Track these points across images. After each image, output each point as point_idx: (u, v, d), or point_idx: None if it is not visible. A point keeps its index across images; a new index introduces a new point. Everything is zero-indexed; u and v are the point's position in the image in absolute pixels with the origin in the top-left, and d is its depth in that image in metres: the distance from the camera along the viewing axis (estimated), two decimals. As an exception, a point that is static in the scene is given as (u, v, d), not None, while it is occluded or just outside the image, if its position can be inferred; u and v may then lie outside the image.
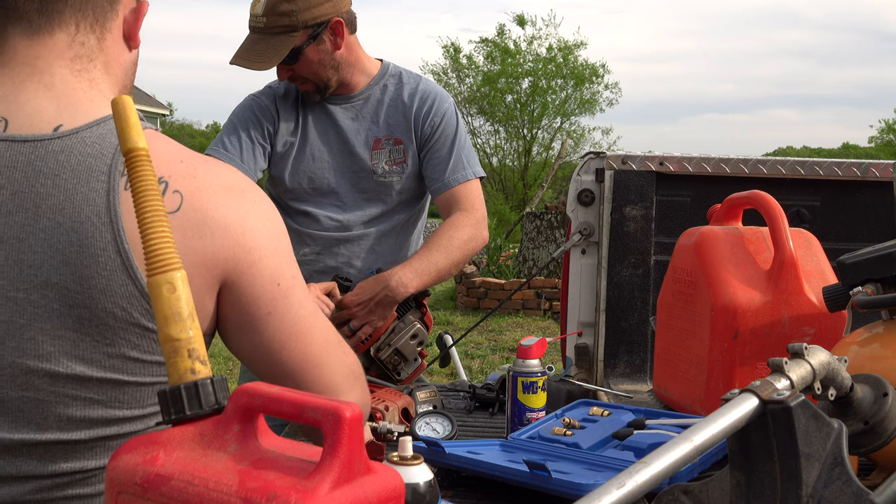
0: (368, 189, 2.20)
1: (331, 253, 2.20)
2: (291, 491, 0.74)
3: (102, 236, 1.04)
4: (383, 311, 2.05)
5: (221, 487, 0.76)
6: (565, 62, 27.48)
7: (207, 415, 0.83)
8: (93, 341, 1.06)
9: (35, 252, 1.04)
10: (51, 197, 1.04)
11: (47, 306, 1.04)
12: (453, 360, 2.35)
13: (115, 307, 1.05)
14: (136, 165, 0.88)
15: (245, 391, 0.80)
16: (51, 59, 1.10)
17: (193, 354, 0.85)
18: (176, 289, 0.85)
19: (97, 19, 1.13)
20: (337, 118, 2.21)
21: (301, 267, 2.28)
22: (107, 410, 1.09)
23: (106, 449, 1.11)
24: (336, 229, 2.19)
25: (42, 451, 1.07)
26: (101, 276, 1.04)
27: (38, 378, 1.05)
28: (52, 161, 1.05)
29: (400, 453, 1.11)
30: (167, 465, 0.79)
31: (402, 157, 2.20)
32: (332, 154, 2.20)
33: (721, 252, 1.71)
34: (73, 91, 1.10)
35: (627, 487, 0.85)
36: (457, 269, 2.17)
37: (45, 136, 1.06)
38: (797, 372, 1.03)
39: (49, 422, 1.06)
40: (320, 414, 0.76)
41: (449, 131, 2.22)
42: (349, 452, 0.75)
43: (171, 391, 0.83)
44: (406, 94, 2.23)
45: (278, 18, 2.04)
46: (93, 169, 1.05)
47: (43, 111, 1.08)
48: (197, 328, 0.86)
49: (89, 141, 1.07)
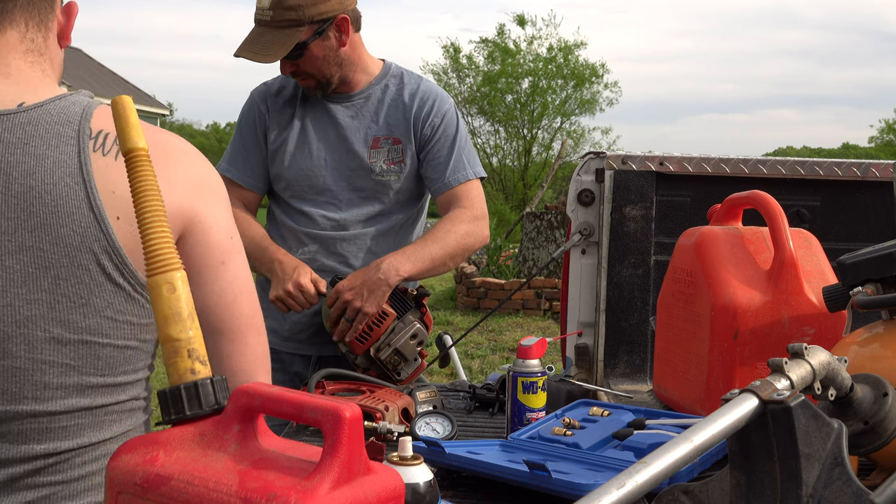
0: (365, 188, 2.20)
1: (328, 253, 2.20)
2: (291, 491, 0.74)
3: (76, 195, 1.09)
4: (376, 297, 2.05)
5: (221, 487, 0.76)
6: (565, 62, 27.48)
7: (207, 415, 0.83)
8: (69, 302, 1.10)
9: (8, 219, 1.08)
10: (21, 164, 1.09)
11: (22, 270, 1.08)
12: (453, 361, 2.35)
13: (90, 262, 1.10)
14: (136, 165, 0.88)
15: (245, 391, 0.80)
16: (5, 52, 1.17)
17: (193, 354, 0.85)
18: (176, 289, 0.85)
19: (42, 19, 1.21)
20: (336, 116, 2.21)
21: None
22: (81, 377, 1.13)
23: (79, 429, 1.14)
24: (333, 228, 2.19)
25: (16, 430, 1.10)
26: (76, 233, 1.09)
27: (16, 345, 1.09)
28: (19, 132, 1.11)
29: (400, 453, 1.12)
30: (167, 466, 0.79)
31: (400, 157, 2.20)
32: (330, 151, 2.20)
33: (721, 252, 1.71)
34: (29, 78, 1.18)
35: (627, 487, 0.85)
36: (453, 262, 2.17)
37: (11, 110, 1.12)
38: (797, 372, 1.03)
39: (25, 391, 1.10)
40: (320, 414, 0.76)
41: (449, 132, 2.22)
42: (349, 452, 0.75)
43: (171, 391, 0.83)
44: (407, 94, 2.23)
45: (285, 12, 2.04)
46: (61, 135, 1.12)
47: (4, 93, 1.14)
48: (197, 328, 0.86)
49: (54, 112, 1.13)
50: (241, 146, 2.26)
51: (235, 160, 2.26)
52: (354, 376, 1.95)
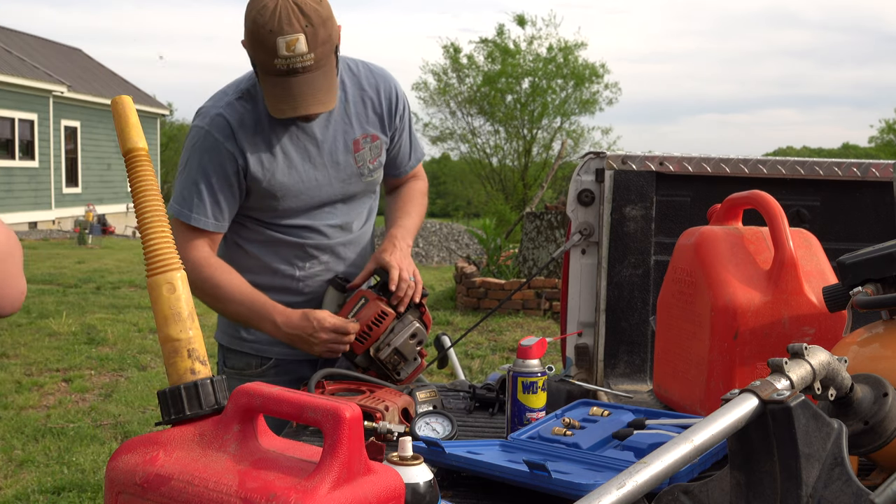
0: (358, 191, 2.17)
1: (338, 259, 2.17)
2: (291, 491, 0.74)
3: None
4: (410, 262, 2.14)
5: (221, 487, 0.76)
6: (565, 62, 27.48)
7: (207, 415, 0.83)
8: None
9: None
10: None
11: None
12: (451, 362, 2.35)
13: None
14: (136, 165, 0.88)
15: (245, 391, 0.80)
16: None
17: (193, 354, 0.85)
18: (176, 289, 0.85)
19: None
20: (310, 130, 2.06)
21: (313, 280, 2.20)
22: None
23: None
24: (338, 235, 2.17)
25: None
26: None
27: None
28: None
29: (400, 453, 1.11)
30: (167, 465, 0.79)
31: (378, 152, 2.16)
32: (318, 169, 2.08)
33: (721, 252, 1.71)
34: None
35: (627, 487, 0.85)
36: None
37: None
38: (797, 372, 1.03)
39: None
40: (320, 414, 0.76)
41: (407, 115, 2.21)
42: (349, 452, 0.75)
43: (171, 391, 0.83)
44: (365, 85, 2.12)
45: (323, 47, 1.87)
46: None
47: None
48: (197, 328, 0.86)
49: None
50: (208, 191, 2.00)
51: (202, 207, 2.01)
52: (354, 376, 1.95)
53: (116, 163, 24.03)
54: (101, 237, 18.19)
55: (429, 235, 16.51)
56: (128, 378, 6.37)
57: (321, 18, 1.87)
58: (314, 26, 1.85)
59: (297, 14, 1.84)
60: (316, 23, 1.85)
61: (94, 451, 4.71)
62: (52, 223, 21.25)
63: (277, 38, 1.84)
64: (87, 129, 23.54)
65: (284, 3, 1.84)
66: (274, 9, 1.84)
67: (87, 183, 23.50)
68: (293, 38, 1.84)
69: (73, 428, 5.13)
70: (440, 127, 28.57)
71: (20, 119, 20.21)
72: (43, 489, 4.18)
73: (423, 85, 28.42)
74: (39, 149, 20.93)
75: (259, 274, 2.11)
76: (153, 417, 5.29)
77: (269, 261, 2.12)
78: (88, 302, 9.53)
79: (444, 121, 28.50)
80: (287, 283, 2.13)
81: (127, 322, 8.39)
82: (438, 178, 36.94)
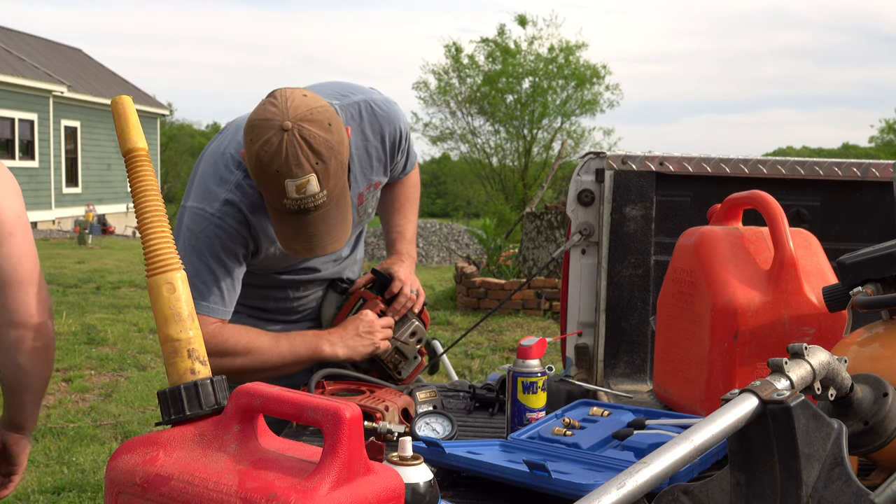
0: (356, 227, 2.11)
1: (336, 283, 2.16)
2: (291, 491, 0.74)
3: None
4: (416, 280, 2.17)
5: (221, 487, 0.76)
6: (566, 63, 27.48)
7: (207, 415, 0.83)
8: None
9: None
10: None
11: None
12: (444, 367, 2.34)
13: None
14: (136, 165, 0.88)
15: (245, 391, 0.80)
16: None
17: (193, 354, 0.85)
18: (176, 289, 0.85)
19: None
20: None
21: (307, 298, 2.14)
22: None
23: None
24: (332, 266, 2.11)
25: None
26: None
27: None
28: None
29: (400, 453, 1.11)
30: (167, 465, 0.79)
31: (377, 192, 2.11)
32: None
33: (721, 252, 1.71)
34: None
35: (627, 487, 0.85)
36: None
37: None
38: (797, 372, 1.03)
39: None
40: (320, 414, 0.76)
41: (407, 142, 2.12)
42: (349, 453, 0.75)
43: (171, 391, 0.83)
44: (369, 133, 1.98)
45: (336, 178, 1.69)
46: None
47: None
48: (197, 328, 0.86)
49: None
50: (228, 279, 1.85)
51: (225, 299, 1.86)
52: (354, 376, 1.95)
53: (116, 163, 24.03)
54: (101, 237, 18.21)
55: (429, 235, 16.50)
56: (128, 378, 6.37)
57: (331, 150, 1.66)
58: (325, 162, 1.65)
59: (305, 152, 1.63)
60: (327, 157, 1.65)
61: (94, 451, 4.72)
62: (52, 223, 21.25)
63: (286, 181, 1.64)
64: (87, 129, 23.54)
65: (290, 140, 1.62)
66: (279, 146, 1.63)
67: (87, 183, 23.50)
68: (303, 180, 1.64)
69: (73, 428, 5.13)
70: (440, 127, 28.62)
71: (20, 119, 20.21)
72: (43, 489, 4.18)
73: (424, 85, 28.47)
74: (39, 149, 20.92)
75: (251, 298, 2.03)
76: (153, 417, 5.29)
77: (263, 292, 2.05)
78: (88, 302, 9.53)
79: (444, 121, 28.56)
80: (281, 305, 2.08)
81: (127, 322, 8.39)
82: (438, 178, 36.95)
